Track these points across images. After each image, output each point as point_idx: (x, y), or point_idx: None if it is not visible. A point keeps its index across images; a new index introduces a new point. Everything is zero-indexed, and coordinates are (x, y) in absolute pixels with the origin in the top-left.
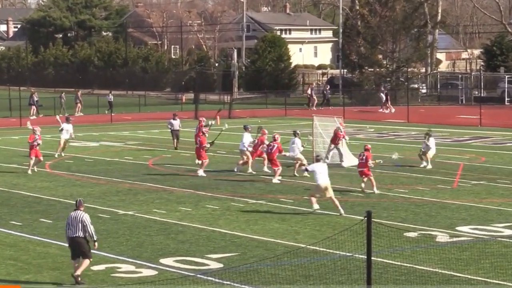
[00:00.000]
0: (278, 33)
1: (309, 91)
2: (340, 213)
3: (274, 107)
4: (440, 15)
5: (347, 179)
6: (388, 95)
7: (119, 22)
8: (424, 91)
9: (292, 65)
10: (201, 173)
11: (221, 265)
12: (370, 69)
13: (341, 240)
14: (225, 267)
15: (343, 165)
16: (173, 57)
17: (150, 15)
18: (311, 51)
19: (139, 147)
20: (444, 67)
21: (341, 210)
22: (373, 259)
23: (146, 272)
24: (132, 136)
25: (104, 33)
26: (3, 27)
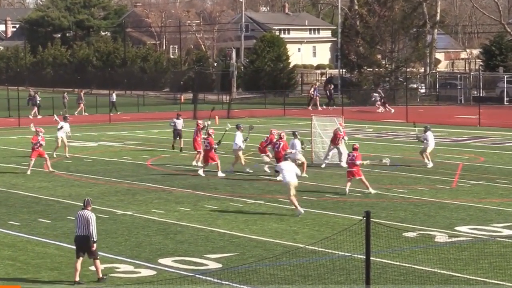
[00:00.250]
0: (277, 33)
1: (311, 90)
2: (299, 213)
3: (273, 107)
4: (439, 15)
5: (345, 179)
6: (382, 95)
7: (117, 22)
8: (423, 91)
9: (291, 65)
10: (220, 174)
11: (219, 265)
12: (369, 69)
13: (340, 240)
14: (223, 267)
15: (342, 165)
16: (171, 57)
17: (148, 15)
18: (310, 51)
19: (138, 147)
20: (443, 67)
21: (300, 210)
22: (372, 259)
23: (144, 272)
24: (131, 136)
25: (103, 33)
26: (1, 27)
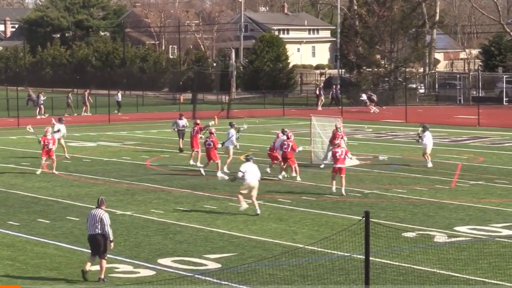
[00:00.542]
0: (276, 33)
1: (317, 91)
2: (256, 213)
3: (272, 107)
4: (438, 15)
5: (346, 179)
6: (371, 97)
7: (116, 22)
8: (422, 91)
9: (290, 65)
10: (220, 174)
11: (219, 265)
12: (368, 69)
13: (339, 240)
14: (223, 267)
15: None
16: (171, 57)
17: (148, 15)
18: (309, 51)
19: (137, 147)
20: (442, 67)
21: (257, 210)
22: (371, 259)
23: (144, 272)
24: (130, 136)
25: (102, 33)
26: (0, 27)
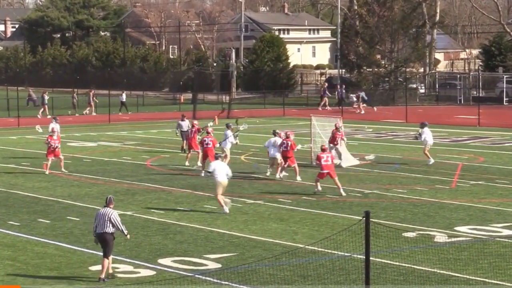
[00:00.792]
0: (276, 33)
1: (322, 91)
2: (224, 211)
3: (273, 107)
4: (439, 15)
5: (346, 179)
6: (359, 97)
7: (117, 22)
8: (423, 91)
9: (291, 65)
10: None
11: (219, 265)
12: (368, 69)
13: (339, 240)
14: (223, 267)
15: (342, 165)
16: (171, 57)
17: (148, 15)
18: (309, 51)
19: (137, 147)
20: (442, 67)
21: (225, 209)
22: (371, 259)
23: (144, 272)
24: (130, 136)
25: (102, 33)
26: (1, 27)
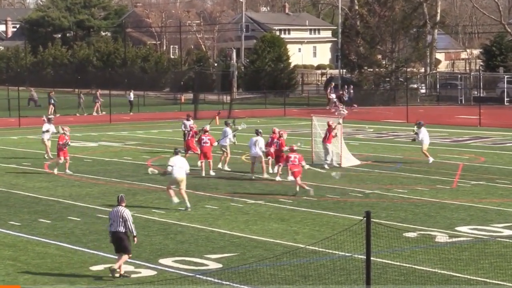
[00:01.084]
0: (277, 33)
1: (328, 91)
2: (187, 207)
3: (273, 107)
4: (439, 15)
5: (346, 179)
6: (340, 97)
7: (118, 22)
8: (424, 91)
9: (291, 65)
10: (212, 173)
11: (220, 265)
12: (369, 69)
13: (340, 240)
14: (224, 267)
15: (326, 165)
16: (172, 57)
17: (149, 15)
18: (310, 51)
19: (138, 147)
20: (443, 67)
21: (187, 204)
22: (372, 259)
23: (145, 272)
24: (131, 136)
25: (103, 33)
26: (1, 27)
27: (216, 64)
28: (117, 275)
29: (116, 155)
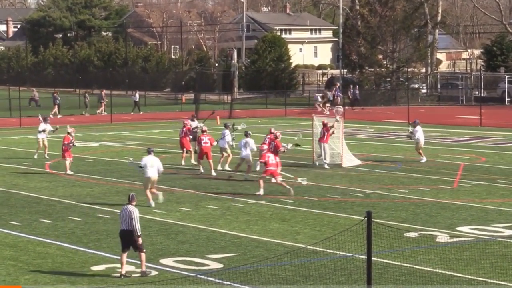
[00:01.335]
0: (278, 33)
1: (334, 91)
2: (150, 205)
3: (274, 107)
4: (440, 15)
5: (347, 179)
6: (324, 97)
7: (119, 22)
8: (425, 91)
9: (292, 65)
10: (213, 173)
11: (221, 265)
12: (370, 69)
13: (341, 240)
14: (225, 268)
15: (317, 163)
16: (173, 57)
17: (150, 15)
18: (311, 51)
19: (139, 147)
20: (444, 67)
21: (151, 203)
22: (373, 259)
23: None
24: (132, 136)
25: (104, 33)
26: (3, 27)
27: (217, 64)
28: (117, 274)
29: (117, 155)
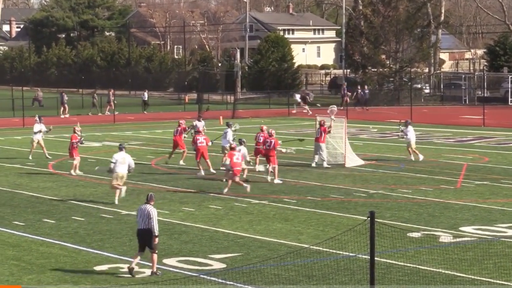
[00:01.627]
0: (281, 33)
1: (342, 91)
2: (114, 202)
3: (277, 107)
4: (443, 15)
5: (350, 179)
6: (305, 98)
7: (122, 22)
8: (428, 91)
9: (295, 65)
10: (213, 171)
11: (224, 265)
12: (373, 69)
13: (344, 240)
14: (228, 268)
15: (313, 164)
16: (176, 57)
17: (153, 15)
18: (314, 51)
19: (142, 147)
20: (447, 67)
21: (116, 201)
22: (376, 259)
23: (149, 272)
24: (135, 136)
25: (107, 33)
26: (6, 27)
27: (220, 64)
28: (120, 274)
29: None
